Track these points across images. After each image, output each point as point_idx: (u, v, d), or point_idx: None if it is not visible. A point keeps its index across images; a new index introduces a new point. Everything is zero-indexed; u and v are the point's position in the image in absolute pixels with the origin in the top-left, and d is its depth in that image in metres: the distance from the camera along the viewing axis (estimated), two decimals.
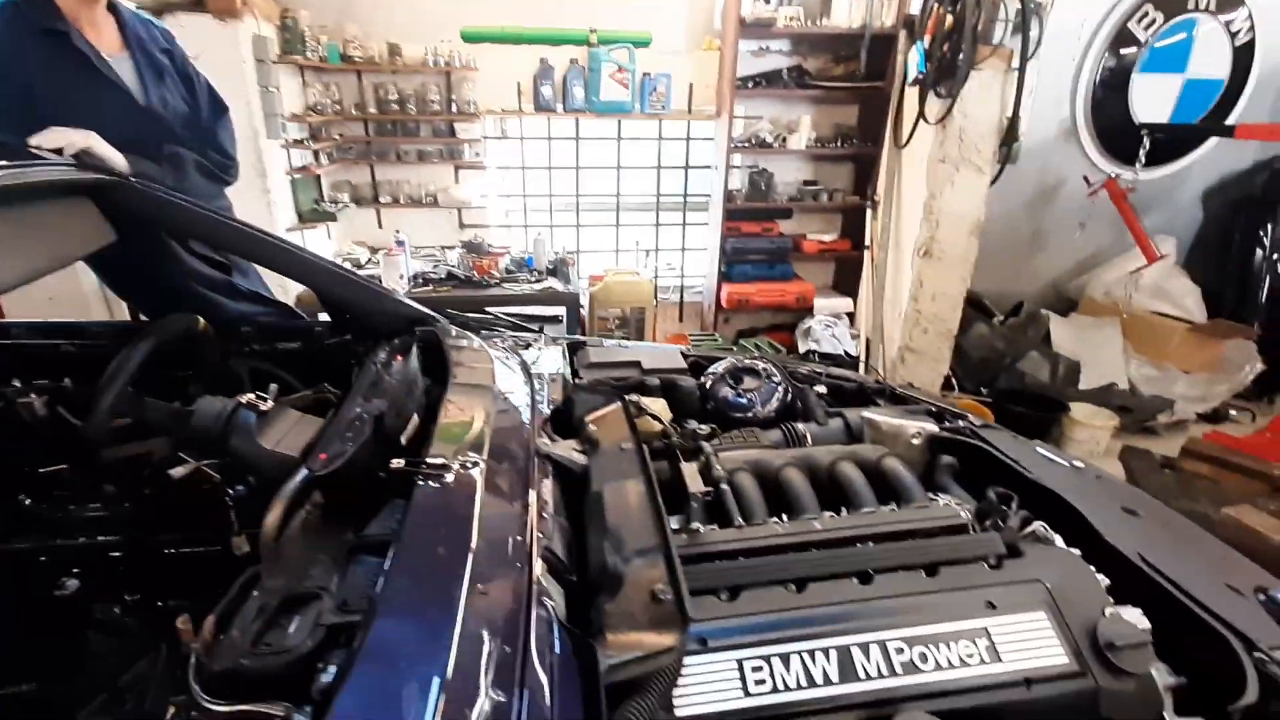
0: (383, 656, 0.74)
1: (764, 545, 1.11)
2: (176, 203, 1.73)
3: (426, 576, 0.84)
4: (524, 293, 3.42)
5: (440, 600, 0.79)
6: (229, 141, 2.18)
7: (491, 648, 0.76)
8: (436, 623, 0.76)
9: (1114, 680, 0.94)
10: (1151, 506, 1.42)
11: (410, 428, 1.29)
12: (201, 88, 2.15)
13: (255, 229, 1.80)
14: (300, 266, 1.80)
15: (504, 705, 0.70)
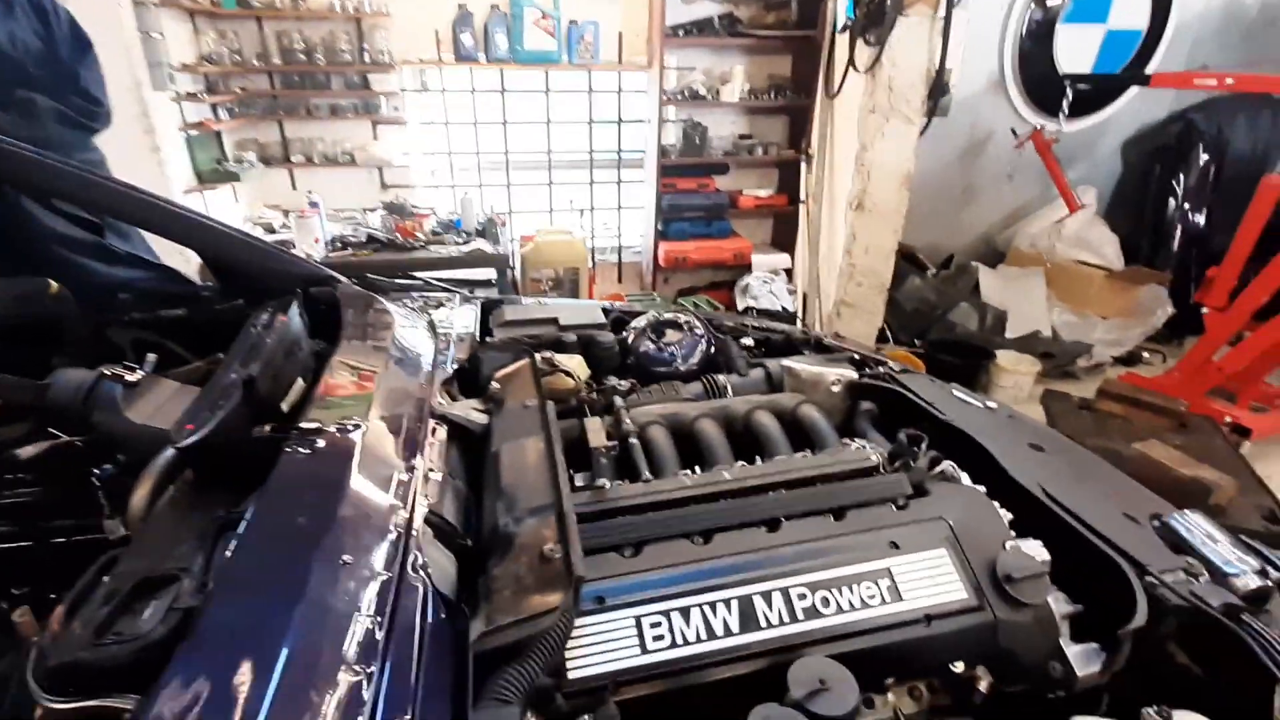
0: (217, 638, 0.66)
1: (671, 498, 1.07)
2: (26, 155, 1.53)
3: (279, 549, 0.76)
4: (451, 255, 3.26)
5: (291, 574, 0.72)
6: (94, 84, 1.94)
7: (351, 621, 0.69)
8: (284, 599, 0.69)
9: (1011, 612, 0.95)
10: (1057, 442, 1.44)
11: (294, 393, 1.19)
12: (61, 21, 1.89)
13: (122, 184, 1.62)
14: (176, 224, 1.63)
15: (358, 683, 0.63)
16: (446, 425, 1.14)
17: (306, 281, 1.68)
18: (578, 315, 1.78)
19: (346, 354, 1.25)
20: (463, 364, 1.39)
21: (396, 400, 1.14)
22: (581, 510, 1.02)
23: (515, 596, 0.81)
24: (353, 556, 0.77)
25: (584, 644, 0.84)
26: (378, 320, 1.46)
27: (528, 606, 0.77)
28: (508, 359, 1.46)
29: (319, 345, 1.42)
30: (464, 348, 1.46)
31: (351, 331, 1.36)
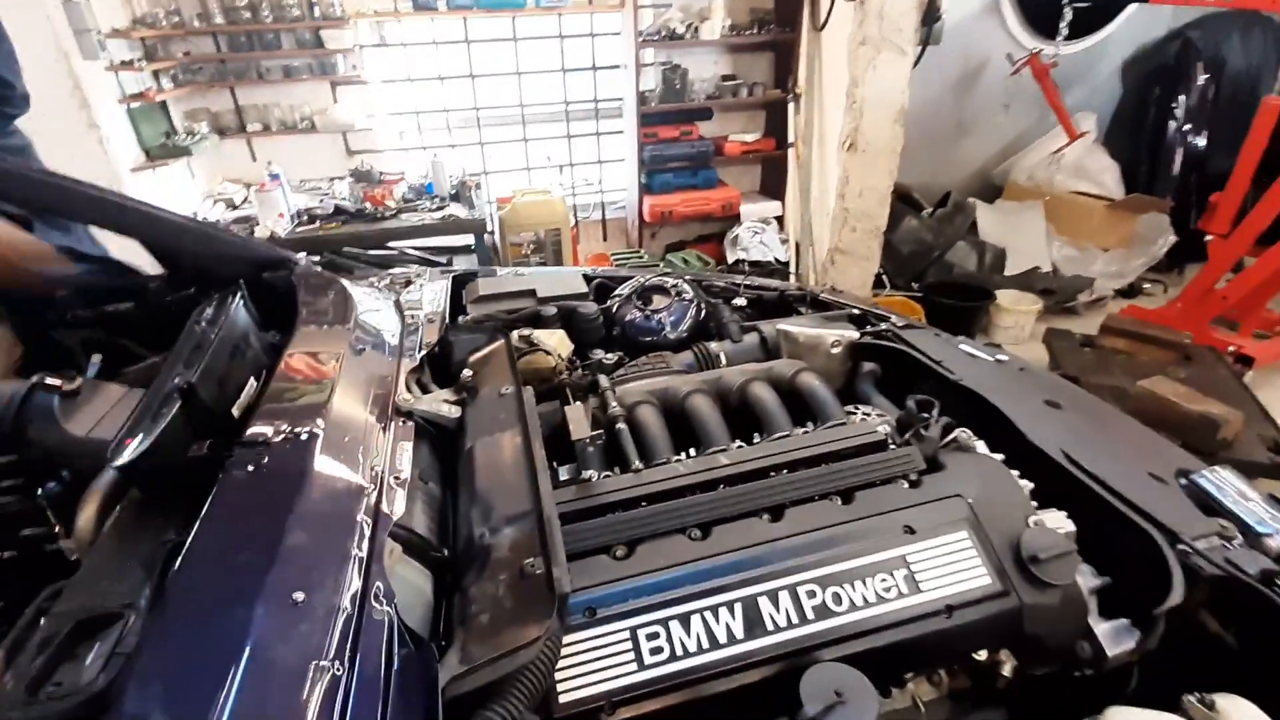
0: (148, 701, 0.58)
1: (665, 489, 0.98)
2: None
3: (220, 591, 0.67)
4: (424, 223, 3.10)
5: (232, 622, 0.63)
6: (6, 65, 1.76)
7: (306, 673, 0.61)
8: (224, 653, 0.60)
9: (1038, 594, 0.87)
10: (1073, 395, 1.36)
11: (245, 396, 1.08)
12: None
13: (41, 172, 1.47)
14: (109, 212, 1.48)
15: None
16: (414, 422, 1.04)
17: (259, 265, 1.54)
18: (557, 285, 1.66)
19: (301, 348, 1.13)
20: (433, 349, 1.28)
21: (357, 398, 1.03)
22: (566, 509, 0.93)
23: (493, 623, 0.73)
24: (305, 593, 0.68)
25: (575, 662, 0.76)
26: (337, 306, 1.34)
27: (506, 638, 0.68)
28: (481, 340, 1.35)
29: (274, 337, 1.31)
30: (434, 330, 1.35)
31: (307, 321, 1.24)
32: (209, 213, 3.25)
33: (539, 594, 0.73)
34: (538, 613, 0.71)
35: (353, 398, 1.02)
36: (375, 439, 0.95)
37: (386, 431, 0.99)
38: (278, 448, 0.86)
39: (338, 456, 0.88)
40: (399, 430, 1.00)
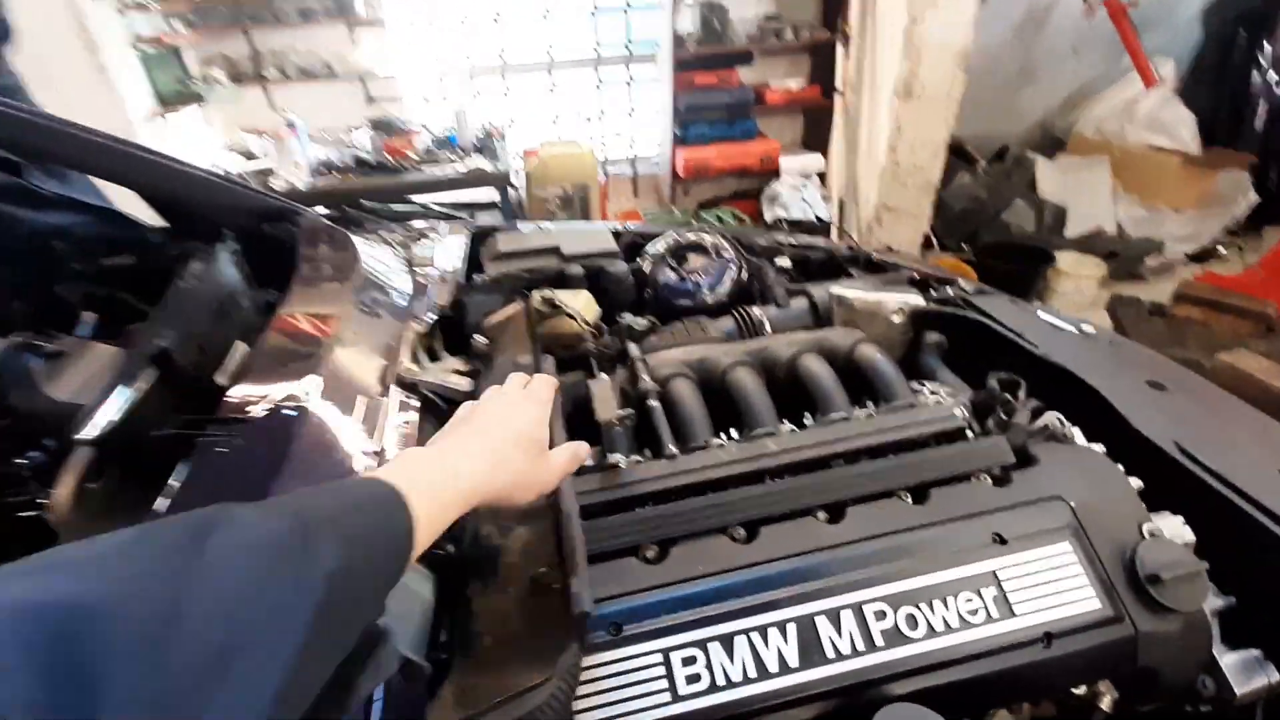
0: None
1: (703, 479, 0.84)
2: None
3: None
4: (447, 176, 2.94)
5: None
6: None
7: None
8: None
9: (1157, 621, 0.72)
10: (1178, 375, 1.17)
11: (233, 360, 0.96)
12: None
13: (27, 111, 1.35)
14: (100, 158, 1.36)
15: None
16: (420, 396, 0.92)
17: (260, 216, 1.42)
18: (584, 242, 1.50)
19: (294, 308, 1.01)
20: (445, 312, 1.15)
21: (354, 367, 0.91)
22: (590, 501, 0.80)
23: (498, 649, 0.61)
24: None
25: (597, 690, 0.64)
26: (339, 261, 1.21)
27: (513, 671, 0.56)
28: (498, 302, 1.21)
29: (271, 296, 1.19)
30: (447, 290, 1.21)
31: (304, 278, 1.12)
32: (227, 164, 3.15)
33: (554, 614, 0.61)
34: (551, 641, 0.58)
35: (349, 366, 0.89)
36: (374, 415, 0.83)
37: (387, 406, 0.86)
38: (257, 426, 0.74)
39: (327, 436, 0.76)
40: (402, 404, 0.88)
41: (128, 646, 0.31)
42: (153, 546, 0.37)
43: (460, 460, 0.57)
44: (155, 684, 0.31)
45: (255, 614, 0.37)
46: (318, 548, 0.41)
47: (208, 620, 0.35)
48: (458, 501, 0.54)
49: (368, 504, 0.48)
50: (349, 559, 0.42)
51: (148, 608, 0.33)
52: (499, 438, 0.62)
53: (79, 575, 0.34)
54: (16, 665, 0.28)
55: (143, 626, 0.32)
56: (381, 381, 0.90)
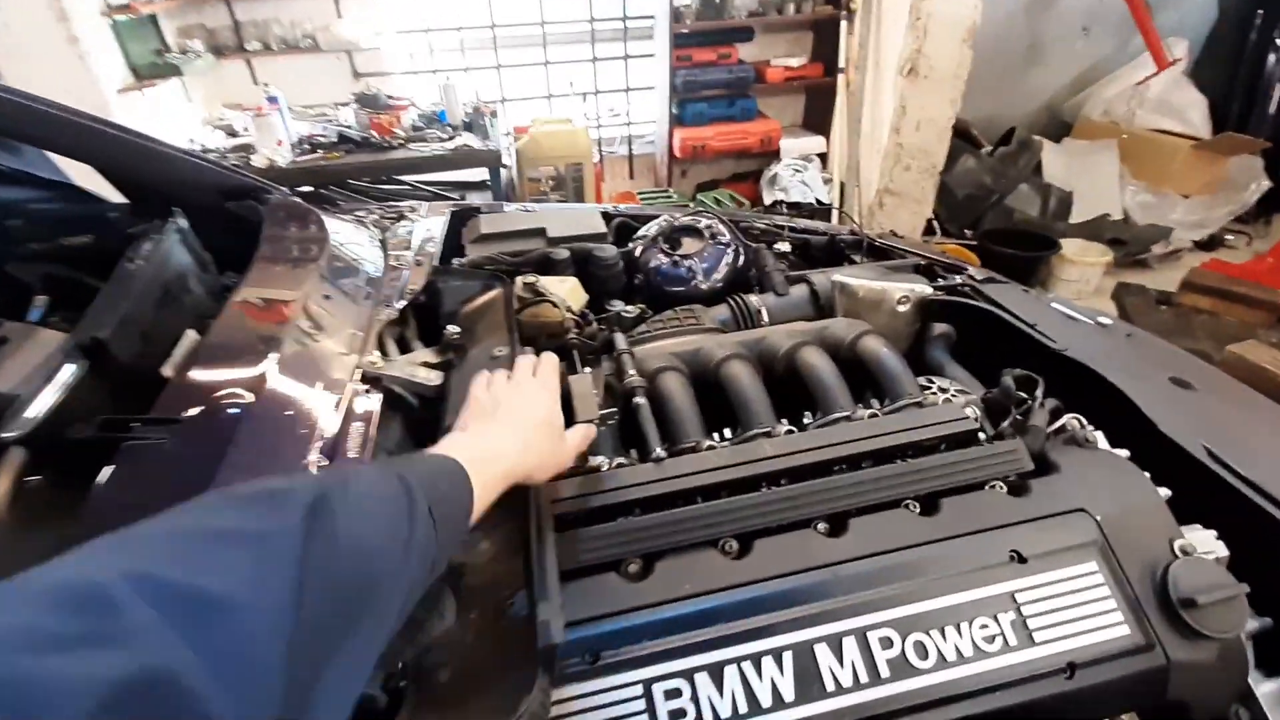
0: None
1: (692, 485, 0.77)
2: None
3: None
4: (435, 154, 2.83)
5: None
6: None
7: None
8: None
9: (1191, 649, 0.65)
10: (1202, 372, 1.10)
11: (181, 351, 0.88)
12: None
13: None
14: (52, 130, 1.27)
15: None
16: (384, 392, 0.84)
17: (225, 193, 1.33)
18: (571, 224, 1.42)
19: (250, 293, 0.93)
20: (417, 297, 1.07)
21: (310, 359, 0.83)
22: (565, 510, 0.73)
23: (454, 685, 0.53)
24: None
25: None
26: (305, 242, 1.12)
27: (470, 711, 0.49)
28: (476, 288, 1.13)
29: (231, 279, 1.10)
30: (421, 274, 1.13)
31: (265, 260, 1.04)
32: (207, 140, 3.03)
33: (518, 647, 0.54)
34: (517, 678, 0.51)
35: (304, 359, 0.82)
36: (328, 414, 0.75)
37: (345, 404, 0.78)
38: (192, 424, 0.66)
39: (272, 437, 0.68)
40: (362, 402, 0.80)
41: (293, 560, 0.35)
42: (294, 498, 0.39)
43: (496, 447, 0.63)
44: (313, 594, 0.35)
45: (386, 551, 0.42)
46: (419, 501, 0.47)
47: (357, 548, 0.39)
48: (497, 482, 0.60)
49: (445, 474, 0.55)
50: (437, 515, 0.48)
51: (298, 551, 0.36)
52: (526, 426, 0.68)
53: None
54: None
55: (306, 543, 0.36)
56: (342, 375, 0.82)
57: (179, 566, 0.32)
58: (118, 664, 0.26)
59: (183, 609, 0.30)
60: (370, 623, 0.40)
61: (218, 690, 0.28)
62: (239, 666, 0.30)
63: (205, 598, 0.31)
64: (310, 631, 0.34)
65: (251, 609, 0.32)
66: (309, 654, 0.34)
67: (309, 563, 0.36)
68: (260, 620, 0.32)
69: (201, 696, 0.28)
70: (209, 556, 0.34)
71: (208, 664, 0.29)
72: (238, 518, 0.37)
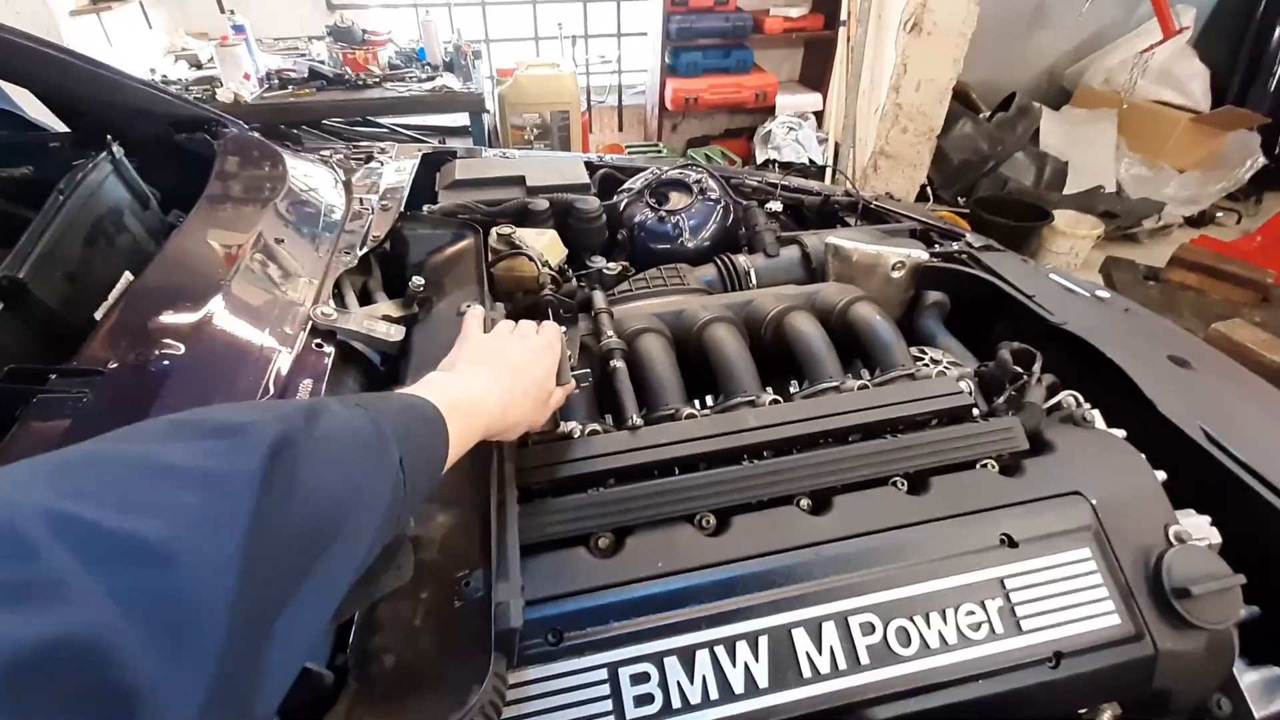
0: None
1: (669, 456, 0.72)
2: None
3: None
4: (412, 95, 2.68)
5: None
6: None
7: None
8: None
9: (1180, 639, 0.63)
10: (1200, 351, 1.06)
11: (114, 295, 0.81)
12: None
13: None
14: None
15: None
16: (337, 346, 0.77)
17: (175, 124, 1.23)
18: (552, 173, 1.33)
19: (197, 233, 0.85)
20: (380, 245, 0.99)
21: (259, 306, 0.75)
22: (533, 480, 0.68)
23: (402, 671, 0.49)
24: None
25: (529, 711, 0.53)
26: (260, 181, 1.03)
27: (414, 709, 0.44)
28: (446, 238, 1.05)
29: (178, 219, 1.02)
30: (387, 220, 1.05)
31: (215, 198, 0.95)
32: (169, 71, 2.83)
33: (472, 631, 0.49)
34: (466, 666, 0.46)
35: (250, 307, 0.74)
36: (273, 371, 0.68)
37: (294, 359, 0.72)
38: (112, 381, 0.59)
39: (204, 396, 0.61)
40: (313, 357, 0.73)
41: (246, 510, 0.31)
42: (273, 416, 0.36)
43: (482, 396, 0.58)
44: (263, 550, 0.31)
45: (349, 500, 0.38)
46: (390, 448, 0.43)
47: (318, 497, 0.35)
48: (474, 433, 0.55)
49: (419, 419, 0.50)
50: (408, 465, 0.44)
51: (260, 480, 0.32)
52: (517, 383, 0.63)
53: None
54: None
55: (263, 491, 0.32)
56: (292, 327, 0.75)
57: (111, 506, 0.28)
58: (29, 623, 0.22)
59: (110, 557, 0.26)
60: (326, 581, 0.36)
61: (146, 653, 0.25)
62: (173, 627, 0.26)
63: (138, 545, 0.27)
64: (259, 590, 0.30)
65: (192, 561, 0.28)
66: (256, 614, 0.30)
67: (263, 513, 0.31)
68: (201, 575, 0.28)
69: (127, 661, 0.24)
70: (147, 496, 0.29)
71: (135, 623, 0.25)
72: (187, 453, 0.32)
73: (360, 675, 0.49)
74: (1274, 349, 2.28)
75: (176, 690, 0.25)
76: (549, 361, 0.68)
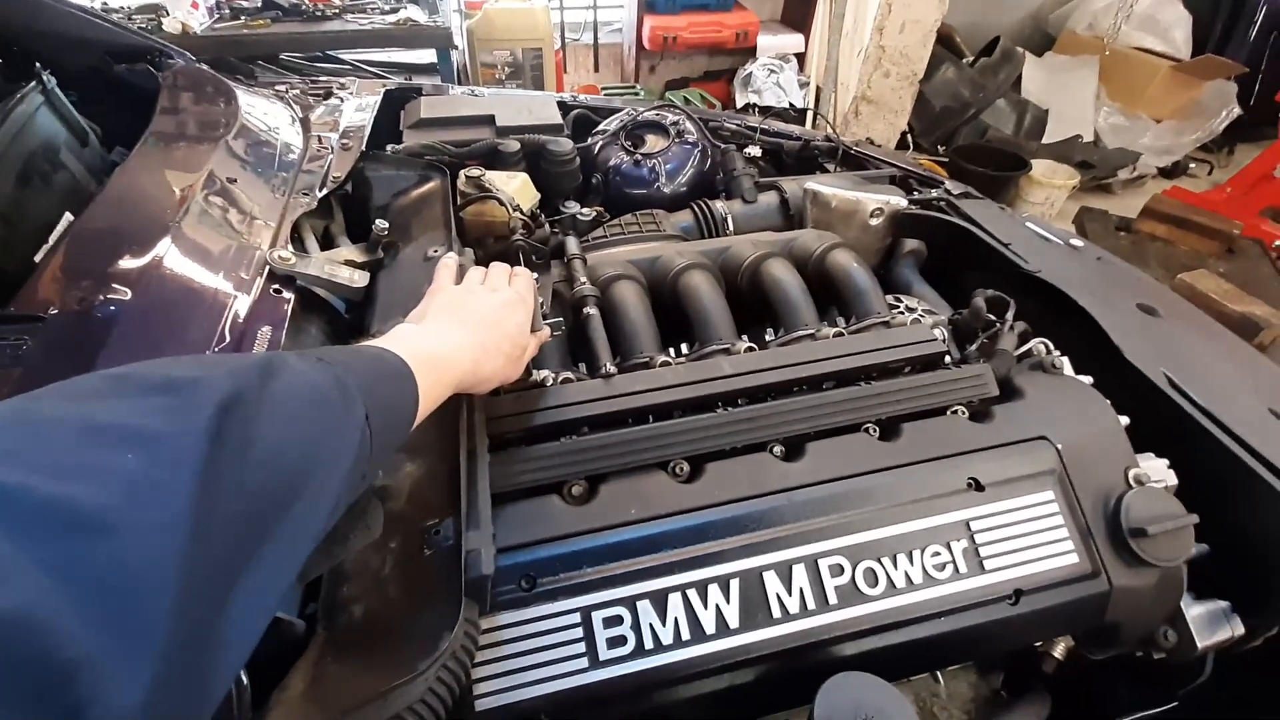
0: None
1: (643, 404, 0.71)
2: None
3: None
4: (375, 28, 2.53)
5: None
6: None
7: None
8: None
9: (1133, 575, 0.66)
10: (1167, 299, 1.08)
11: (56, 237, 0.76)
12: None
13: None
14: None
15: None
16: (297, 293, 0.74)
17: (115, 54, 1.14)
18: (523, 113, 1.28)
19: (141, 172, 0.79)
20: (341, 186, 0.94)
21: (211, 249, 0.72)
22: (503, 429, 0.67)
23: (370, 622, 0.48)
24: None
25: (503, 654, 0.54)
26: (210, 117, 0.97)
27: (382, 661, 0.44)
28: (412, 179, 1.01)
29: (122, 156, 0.95)
30: (348, 160, 1.00)
31: (161, 134, 0.89)
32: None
33: (443, 580, 0.49)
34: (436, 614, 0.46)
35: (202, 250, 0.71)
36: (228, 317, 0.65)
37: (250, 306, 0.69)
38: (54, 328, 0.56)
39: (155, 343, 0.59)
40: (271, 304, 0.70)
41: (192, 471, 0.29)
42: (227, 373, 0.34)
43: (453, 350, 0.57)
44: (214, 513, 0.29)
45: (310, 460, 0.36)
46: (355, 404, 0.41)
47: (275, 457, 0.34)
48: (444, 388, 0.54)
49: (387, 373, 0.48)
50: (374, 422, 0.42)
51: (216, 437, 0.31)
52: (490, 337, 0.61)
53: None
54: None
55: (212, 451, 0.30)
56: (248, 272, 0.72)
57: (43, 470, 0.26)
58: None
59: (43, 526, 0.24)
60: (286, 543, 0.34)
61: (85, 628, 0.23)
62: (114, 598, 0.25)
63: (74, 512, 0.25)
64: (211, 556, 0.29)
65: (132, 528, 0.26)
66: (209, 581, 0.29)
67: (212, 474, 0.29)
68: (143, 542, 0.26)
69: (62, 636, 0.22)
70: (83, 459, 0.27)
71: (72, 596, 0.23)
72: (127, 410, 0.30)
73: (329, 625, 0.48)
74: (1236, 299, 2.34)
75: (122, 665, 0.24)
76: (522, 314, 0.66)
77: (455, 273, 0.68)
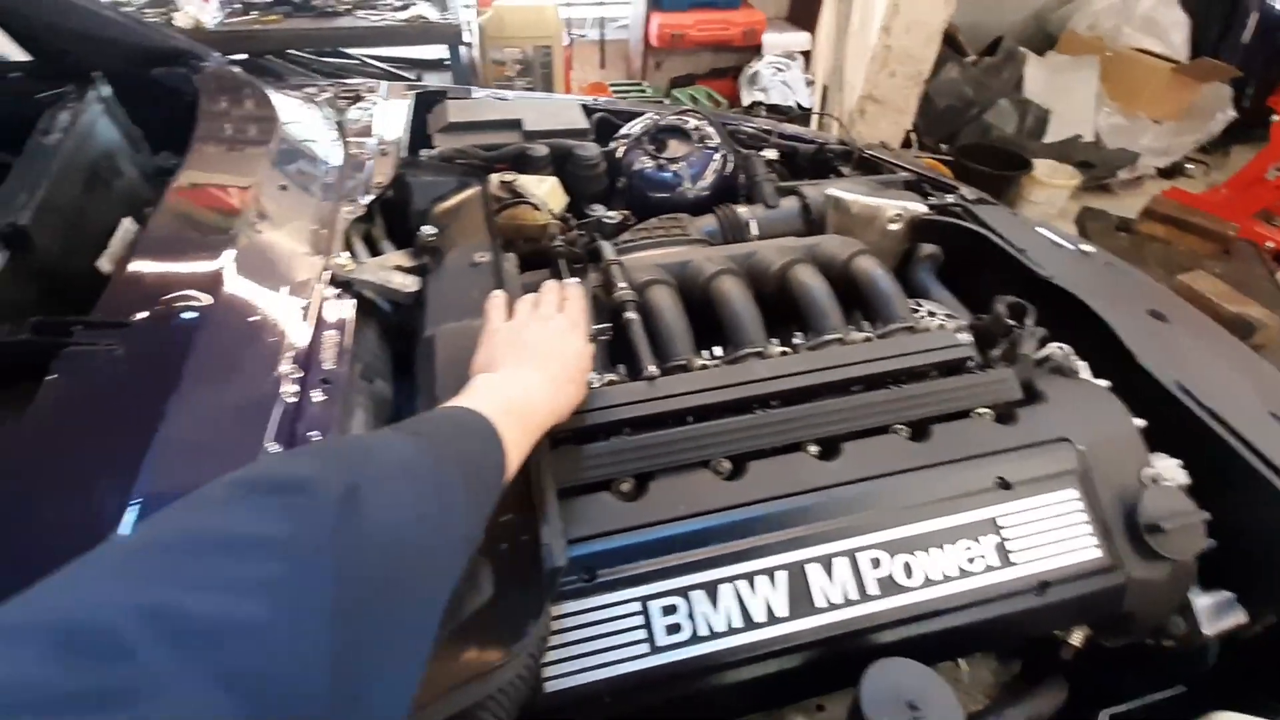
0: None
1: (685, 405, 0.75)
2: None
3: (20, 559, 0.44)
4: (387, 25, 2.54)
5: None
6: None
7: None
8: None
9: (1148, 568, 0.70)
10: (1175, 305, 1.12)
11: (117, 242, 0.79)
12: None
13: None
14: None
15: None
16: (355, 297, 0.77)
17: (150, 58, 1.16)
18: (549, 117, 1.31)
19: (194, 178, 0.82)
20: (385, 192, 0.97)
21: (272, 257, 0.75)
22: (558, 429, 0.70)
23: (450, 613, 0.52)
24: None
25: (568, 640, 0.58)
26: (252, 120, 1.00)
27: (466, 646, 0.48)
28: (450, 185, 1.04)
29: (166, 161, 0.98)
30: (387, 165, 1.03)
31: (207, 139, 0.91)
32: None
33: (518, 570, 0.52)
34: (514, 603, 0.50)
35: (264, 257, 0.74)
36: (296, 321, 0.69)
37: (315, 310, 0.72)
38: (140, 333, 0.59)
39: (235, 347, 0.62)
40: (334, 307, 0.74)
41: (328, 570, 0.31)
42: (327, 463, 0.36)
43: (531, 393, 0.58)
44: (352, 604, 0.31)
45: (424, 537, 0.38)
46: (451, 474, 0.42)
47: (395, 541, 0.35)
48: (533, 434, 0.55)
49: (473, 436, 0.49)
50: (469, 486, 0.44)
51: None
52: (559, 369, 0.63)
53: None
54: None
55: (341, 546, 0.32)
56: (308, 277, 0.75)
57: (196, 589, 0.28)
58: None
59: (207, 641, 0.26)
60: (415, 621, 0.36)
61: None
62: (281, 699, 0.27)
63: (232, 625, 0.27)
64: (354, 646, 0.30)
65: (289, 631, 0.28)
66: (355, 670, 0.30)
67: (345, 570, 0.31)
68: (300, 644, 0.28)
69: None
70: (230, 572, 0.29)
71: (242, 702, 0.25)
72: (258, 520, 0.32)
73: None
74: (1231, 300, 2.39)
75: None
76: (580, 340, 0.68)
77: (505, 309, 0.70)
